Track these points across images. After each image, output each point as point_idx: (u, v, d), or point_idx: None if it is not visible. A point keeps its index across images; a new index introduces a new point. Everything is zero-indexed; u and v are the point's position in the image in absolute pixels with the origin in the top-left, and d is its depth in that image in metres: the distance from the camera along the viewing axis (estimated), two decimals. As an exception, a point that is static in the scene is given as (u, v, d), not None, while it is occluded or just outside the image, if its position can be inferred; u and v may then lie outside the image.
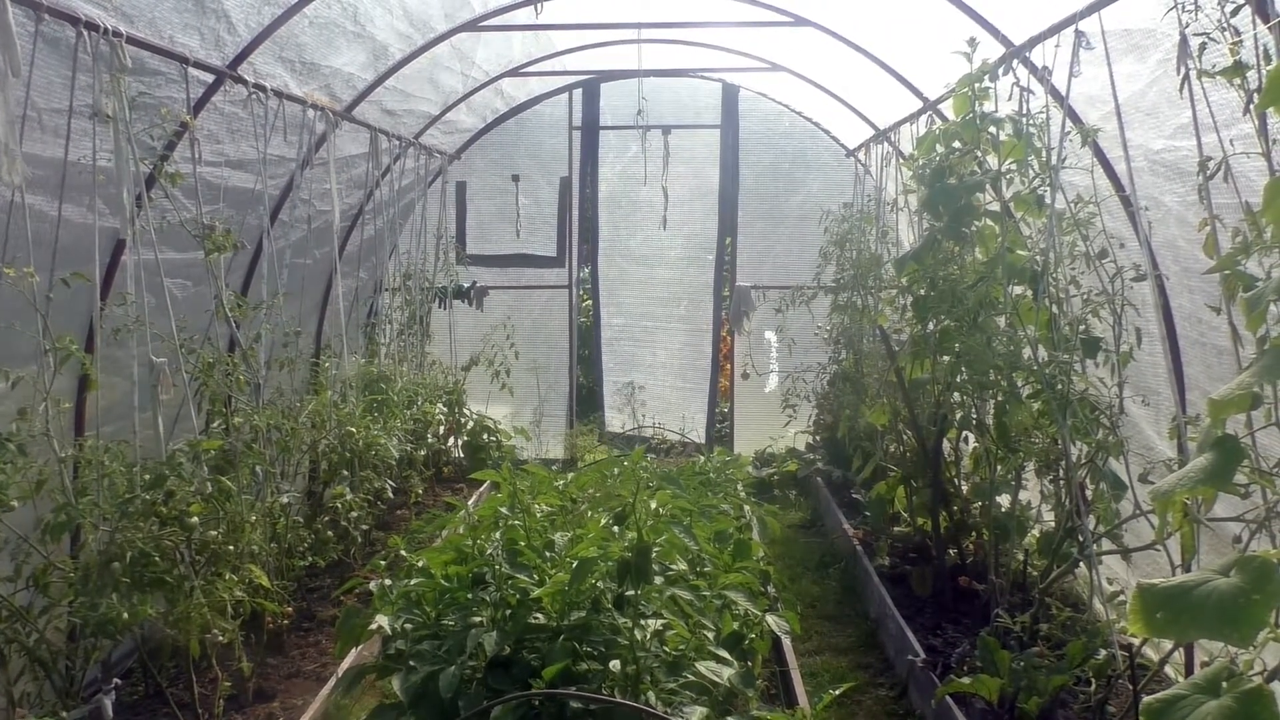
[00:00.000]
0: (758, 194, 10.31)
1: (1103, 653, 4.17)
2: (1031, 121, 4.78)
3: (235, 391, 5.05)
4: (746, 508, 5.41)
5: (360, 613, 3.71)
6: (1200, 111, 3.41)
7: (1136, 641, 4.04)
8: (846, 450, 8.06)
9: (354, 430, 6.27)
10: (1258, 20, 3.07)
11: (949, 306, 5.13)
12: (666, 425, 10.56)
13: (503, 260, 10.36)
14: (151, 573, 4.00)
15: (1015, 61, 4.89)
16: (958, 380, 5.27)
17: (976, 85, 4.99)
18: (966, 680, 4.27)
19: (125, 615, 3.81)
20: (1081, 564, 4.64)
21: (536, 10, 6.72)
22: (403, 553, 4.00)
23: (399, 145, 8.04)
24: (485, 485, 8.45)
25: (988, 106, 5.01)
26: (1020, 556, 5.36)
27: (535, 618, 3.37)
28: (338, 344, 7.18)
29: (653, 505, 3.50)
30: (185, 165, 4.86)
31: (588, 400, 10.81)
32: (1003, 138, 4.95)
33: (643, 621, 3.28)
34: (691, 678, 3.26)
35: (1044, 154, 4.72)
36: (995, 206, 5.08)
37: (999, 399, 4.98)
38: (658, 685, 3.21)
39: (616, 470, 4.57)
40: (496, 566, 3.50)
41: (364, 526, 6.27)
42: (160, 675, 4.58)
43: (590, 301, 10.78)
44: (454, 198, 10.15)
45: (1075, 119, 4.72)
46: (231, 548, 4.41)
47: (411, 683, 3.19)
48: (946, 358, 5.30)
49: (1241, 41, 3.09)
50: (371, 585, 3.84)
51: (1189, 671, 4.21)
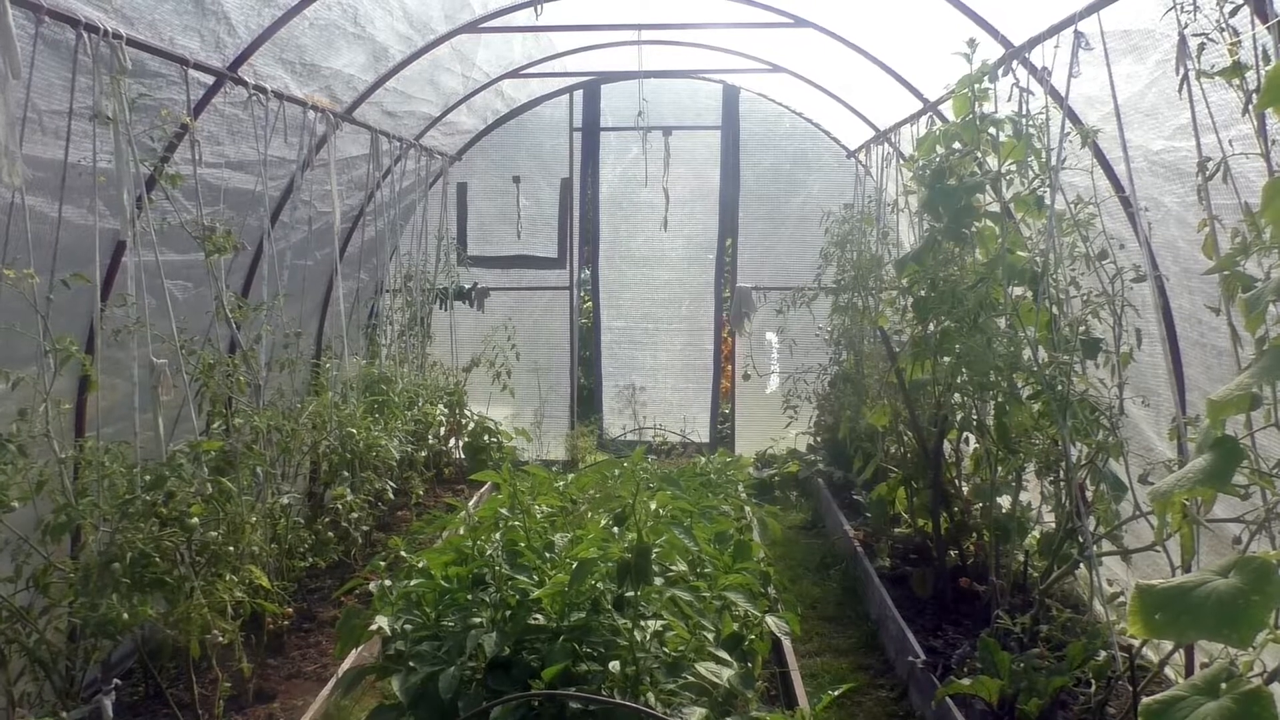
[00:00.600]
0: (758, 195, 10.32)
1: (1103, 654, 4.17)
2: (1031, 122, 4.78)
3: (236, 393, 5.05)
4: (747, 509, 5.42)
5: (360, 613, 3.71)
6: (1199, 112, 3.41)
7: (1136, 643, 4.03)
8: (847, 451, 8.06)
9: (355, 431, 6.27)
10: (1256, 20, 3.07)
11: (949, 307, 5.13)
12: (668, 427, 10.56)
13: (504, 261, 10.36)
14: (152, 573, 4.00)
15: (1015, 62, 4.90)
16: (958, 381, 5.27)
17: (976, 86, 4.99)
18: (967, 682, 4.27)
19: (125, 616, 3.81)
20: (1082, 565, 4.64)
21: (537, 12, 6.73)
22: (403, 554, 4.00)
23: (400, 147, 8.04)
24: (486, 486, 8.45)
25: (987, 107, 5.01)
26: (1020, 558, 5.36)
27: (535, 619, 3.37)
28: (338, 345, 7.18)
29: (653, 506, 3.50)
30: (186, 167, 4.87)
31: (589, 402, 10.81)
32: (1002, 139, 4.95)
33: (642, 622, 3.28)
34: (691, 679, 3.26)
35: (1044, 155, 4.72)
36: (995, 207, 5.08)
37: (999, 400, 4.98)
38: (657, 686, 3.21)
39: (617, 471, 4.57)
40: (496, 567, 3.51)
41: (364, 527, 6.28)
42: (160, 676, 4.58)
43: (591, 303, 10.78)
44: (455, 199, 10.15)
45: (1075, 120, 4.72)
46: (232, 548, 4.41)
47: (411, 683, 3.19)
48: (947, 359, 5.30)
49: (1240, 42, 3.09)
50: (372, 586, 3.85)
51: (1189, 673, 4.21)
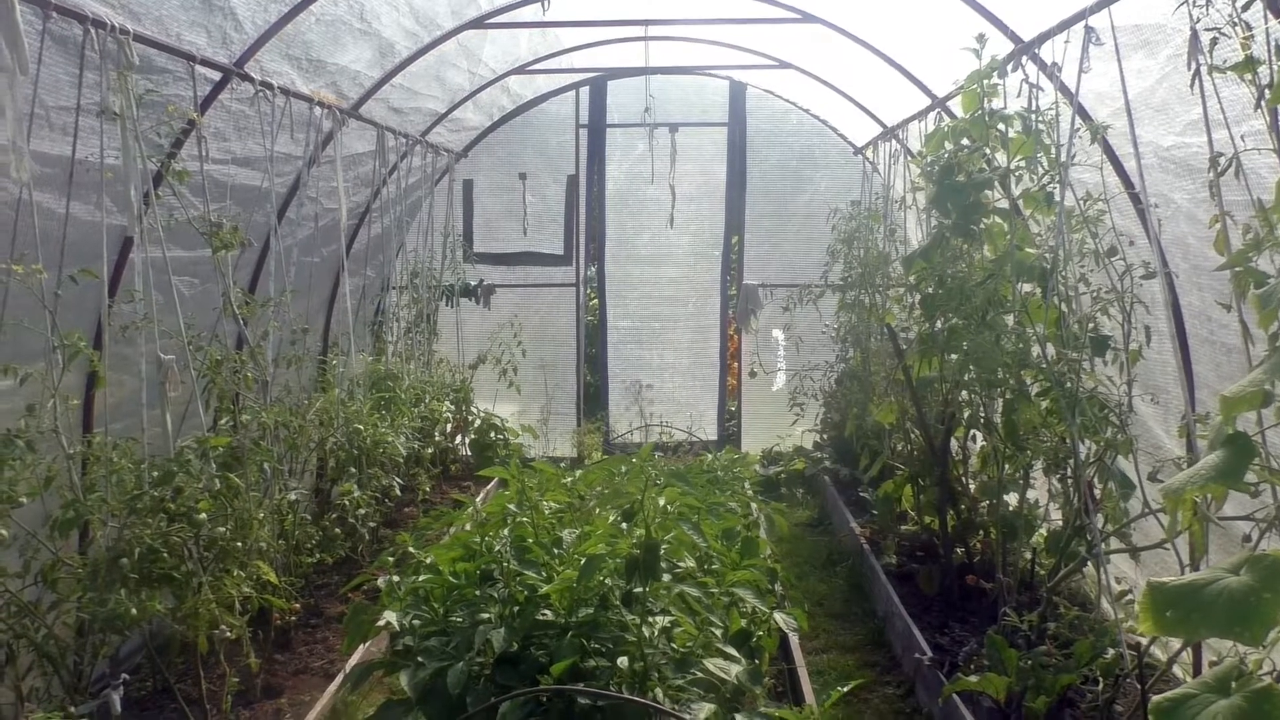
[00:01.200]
0: (765, 192, 10.30)
1: (1111, 652, 4.15)
2: (1040, 118, 4.76)
3: (243, 389, 5.06)
4: (754, 506, 5.42)
5: (368, 609, 3.71)
6: (1211, 107, 3.39)
7: (1144, 641, 4.02)
8: (854, 449, 8.04)
9: (361, 428, 6.27)
10: (1269, 15, 3.05)
11: (957, 304, 5.12)
12: (674, 424, 10.55)
13: (510, 258, 10.36)
14: (159, 569, 4.00)
15: (1024, 58, 4.88)
16: (966, 378, 5.25)
17: (985, 82, 4.97)
18: (974, 679, 4.26)
19: (133, 611, 3.81)
20: (1089, 563, 4.62)
21: (543, 7, 6.72)
22: (410, 550, 4.00)
23: (406, 143, 8.04)
24: (493, 483, 8.46)
25: (996, 103, 5.00)
26: (1028, 555, 5.35)
27: (543, 614, 3.37)
28: (345, 342, 7.18)
29: (661, 502, 3.49)
30: (192, 163, 4.87)
31: (595, 399, 10.80)
32: (1011, 135, 4.93)
33: (650, 618, 3.28)
34: (699, 675, 3.26)
35: (1053, 151, 4.69)
36: (1004, 204, 5.06)
37: (1007, 397, 4.96)
38: (665, 682, 3.21)
39: (624, 468, 4.57)
40: (504, 563, 3.51)
41: (371, 524, 6.28)
42: (168, 671, 4.58)
43: (597, 300, 10.77)
44: (461, 196, 10.15)
45: (1084, 116, 4.70)
46: (239, 544, 4.41)
47: (419, 679, 3.19)
48: (954, 356, 5.28)
49: (1253, 36, 3.07)
50: (379, 582, 3.85)
51: (1197, 671, 4.20)
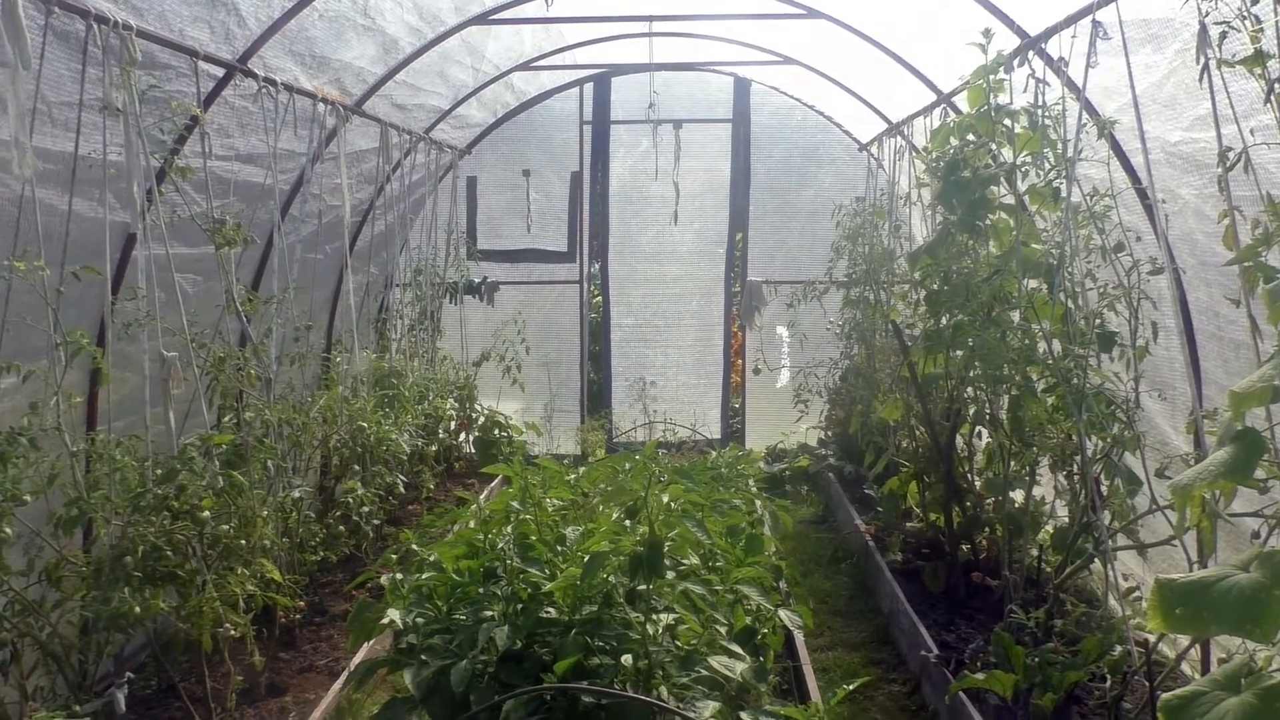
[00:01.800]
0: (769, 188, 10.27)
1: (1118, 649, 4.14)
2: (1047, 114, 4.73)
3: (246, 386, 5.05)
4: (758, 503, 5.40)
5: (372, 607, 3.70)
6: (1220, 102, 3.37)
7: (1152, 638, 4.01)
8: (859, 445, 8.03)
9: (365, 425, 6.27)
10: (1279, 8, 3.03)
11: (963, 301, 5.10)
12: (678, 421, 10.53)
13: (514, 255, 10.35)
14: (163, 567, 4.00)
15: (1031, 53, 4.85)
16: (971, 375, 5.24)
17: (991, 77, 4.95)
18: (980, 676, 4.25)
19: (137, 609, 3.81)
20: (1097, 559, 4.60)
21: (547, 3, 6.70)
22: (414, 547, 3.99)
23: (409, 140, 8.03)
24: (497, 480, 8.45)
25: (1002, 99, 4.97)
26: (1034, 552, 5.33)
27: (547, 612, 3.36)
28: (349, 339, 7.17)
29: (665, 500, 3.48)
30: (195, 159, 4.87)
31: (599, 396, 10.79)
32: (1018, 130, 4.91)
33: (655, 616, 3.27)
34: (704, 672, 3.24)
35: (1059, 146, 4.67)
36: (1010, 200, 5.04)
37: (1013, 393, 4.94)
38: (670, 680, 3.19)
39: (628, 465, 4.55)
40: (508, 561, 3.49)
41: (375, 521, 6.27)
42: (172, 669, 4.58)
43: (601, 297, 10.76)
44: (464, 193, 10.14)
45: (1091, 111, 4.68)
46: (243, 542, 4.41)
47: (423, 677, 3.18)
48: (960, 352, 5.26)
49: (1262, 30, 3.05)
50: (383, 580, 3.83)
51: (1205, 668, 4.18)
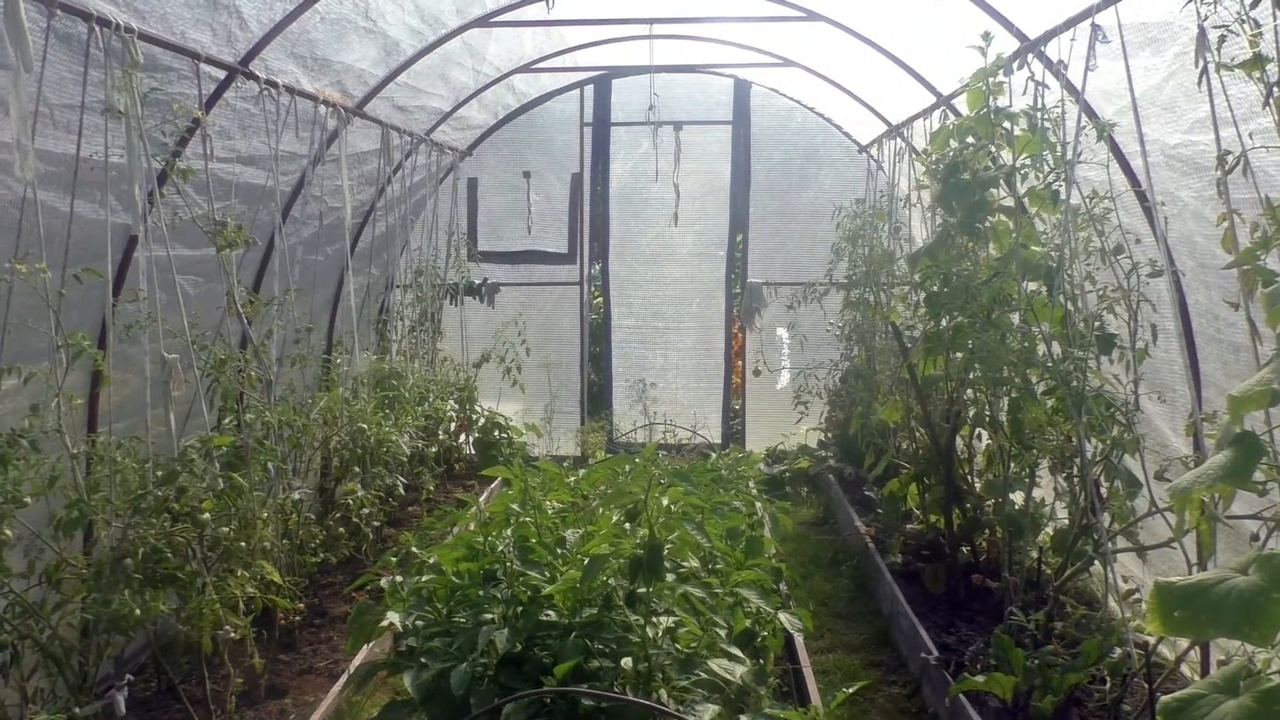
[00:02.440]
0: (769, 190, 10.28)
1: (1118, 651, 4.14)
2: (1046, 116, 4.74)
3: (247, 388, 5.05)
4: (758, 505, 5.39)
5: (372, 609, 3.70)
6: (1218, 105, 3.37)
7: (1152, 640, 4.01)
8: (859, 447, 8.03)
9: (365, 427, 6.27)
10: (1278, 12, 3.03)
11: (962, 303, 5.10)
12: (678, 423, 10.54)
13: (514, 257, 10.36)
14: (164, 569, 4.00)
15: (1030, 56, 4.86)
16: (971, 377, 5.24)
17: (991, 80, 4.95)
18: (980, 678, 4.25)
19: (138, 611, 3.81)
20: (1096, 562, 4.61)
21: (548, 6, 6.70)
22: (414, 549, 3.99)
23: (411, 141, 8.04)
24: (496, 482, 8.45)
25: (1002, 101, 4.98)
26: (1034, 554, 5.33)
27: (547, 615, 3.36)
28: (349, 340, 7.18)
29: (665, 502, 3.48)
30: (197, 161, 4.87)
31: (599, 397, 10.79)
32: (1017, 132, 4.91)
33: (655, 619, 3.27)
34: (704, 675, 3.24)
35: (1059, 149, 4.68)
36: (1009, 202, 5.05)
37: (1013, 396, 4.94)
38: (670, 683, 3.20)
39: (628, 467, 4.56)
40: (508, 563, 3.50)
41: (375, 523, 6.27)
42: (173, 671, 4.59)
43: (601, 298, 10.77)
44: (465, 194, 10.15)
45: (1091, 113, 4.68)
46: (243, 544, 4.41)
47: (423, 680, 3.18)
48: (960, 354, 5.27)
49: (1261, 34, 3.05)
50: (383, 582, 3.84)
51: (1205, 670, 4.18)
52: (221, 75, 5.00)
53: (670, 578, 3.40)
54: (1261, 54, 3.04)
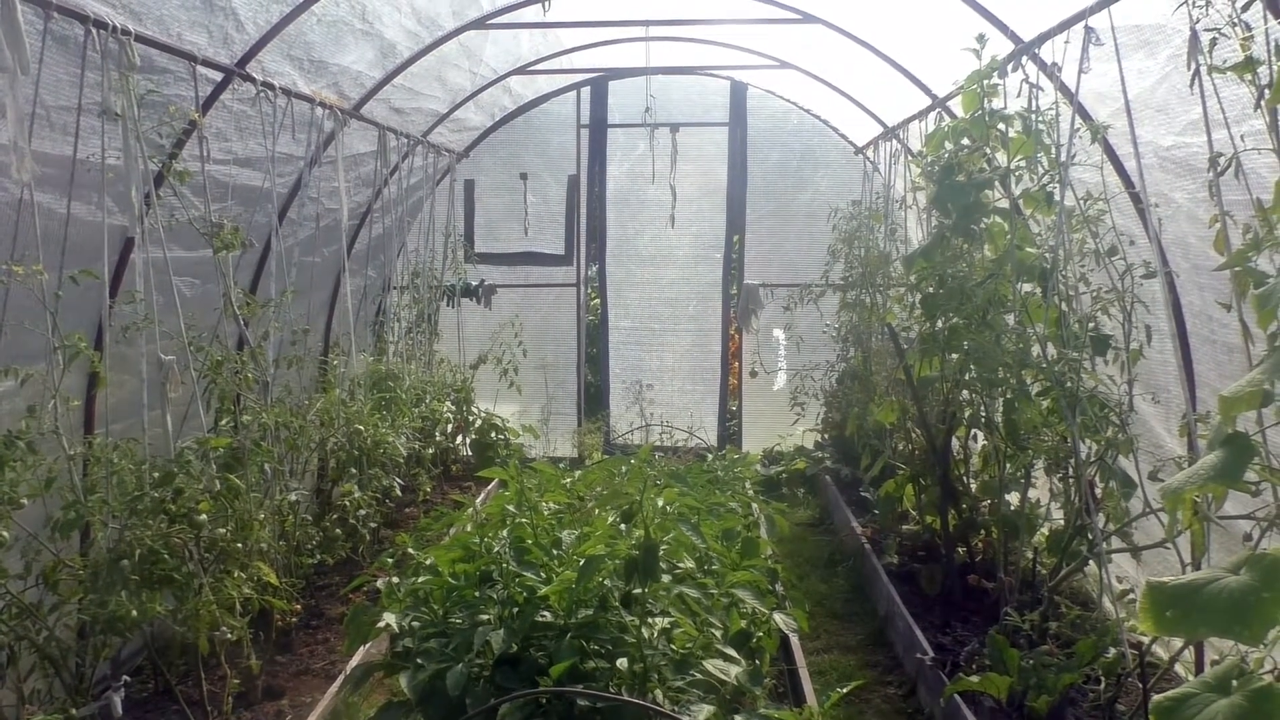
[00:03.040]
0: (766, 192, 10.29)
1: (1112, 651, 4.15)
2: (1041, 118, 4.76)
3: (244, 389, 5.06)
4: (755, 506, 5.41)
5: (368, 610, 3.71)
6: (1211, 107, 3.39)
7: (1146, 640, 4.03)
8: (855, 448, 8.05)
9: (362, 428, 6.27)
10: (1269, 15, 3.05)
11: (958, 304, 5.12)
12: (675, 424, 10.54)
13: (511, 258, 10.36)
14: (160, 570, 4.01)
15: (1024, 58, 4.88)
16: (966, 378, 5.26)
17: (985, 82, 4.97)
18: (975, 679, 4.26)
19: (134, 613, 3.82)
20: (1091, 562, 4.62)
21: (545, 8, 6.72)
22: (410, 550, 4.00)
23: (407, 143, 8.04)
24: (493, 483, 8.45)
25: (997, 103, 5.00)
26: (1029, 555, 5.34)
27: (542, 616, 3.37)
28: (346, 342, 7.18)
29: (660, 503, 3.49)
30: (194, 163, 4.88)
31: (596, 399, 10.80)
32: (1012, 134, 4.93)
33: (650, 620, 3.28)
34: (699, 676, 3.25)
35: (1053, 151, 4.70)
36: (1004, 203, 5.07)
37: (1008, 397, 4.96)
38: (665, 683, 3.21)
39: (624, 468, 4.57)
40: (504, 564, 3.51)
41: (372, 524, 6.28)
42: (169, 672, 4.59)
43: (598, 300, 10.77)
44: (462, 196, 10.15)
45: (1085, 115, 4.70)
46: (240, 545, 4.42)
47: (419, 680, 3.19)
48: (955, 355, 5.28)
49: (1253, 36, 3.07)
50: (379, 583, 3.85)
51: (1199, 670, 4.19)
52: (218, 77, 5.01)
53: (666, 578, 3.41)
54: (1253, 57, 3.06)
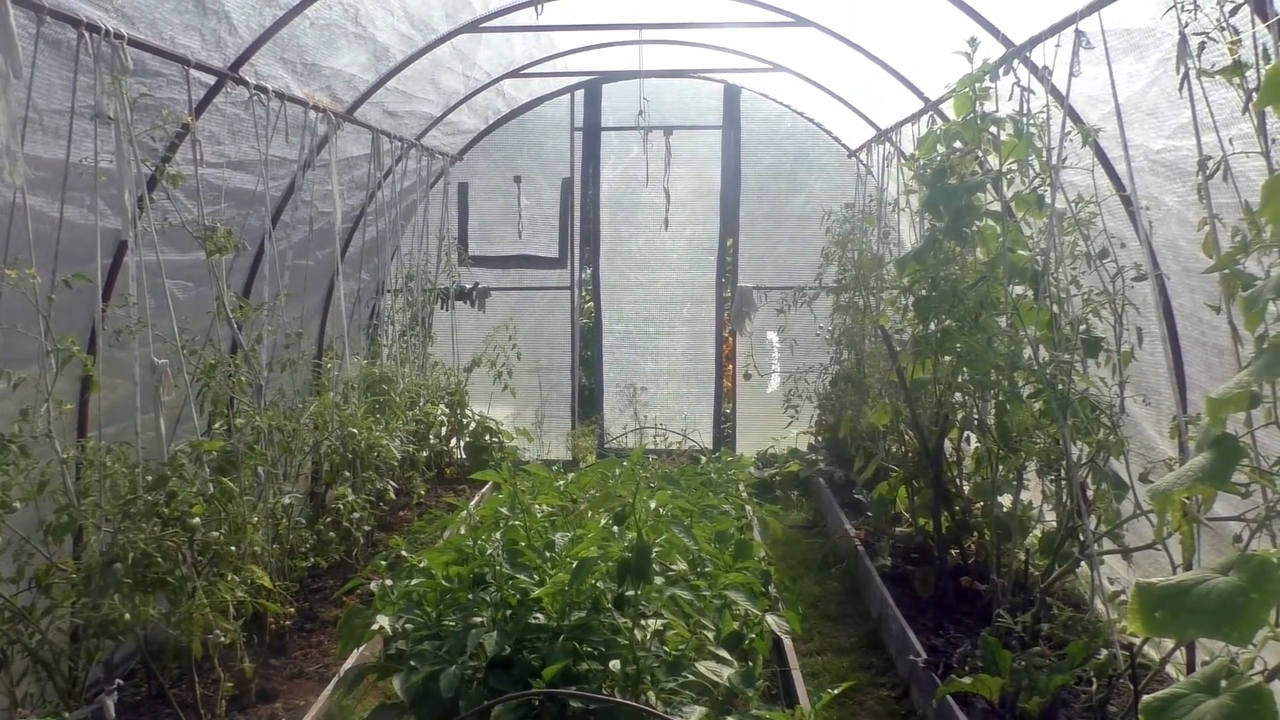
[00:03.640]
0: (760, 195, 10.31)
1: (1104, 652, 4.17)
2: (1032, 121, 4.78)
3: (237, 393, 5.06)
4: (748, 508, 5.42)
5: (362, 613, 3.71)
6: (1200, 111, 3.41)
7: (1138, 641, 4.04)
8: (848, 450, 8.06)
9: (356, 431, 6.27)
10: (1256, 19, 3.07)
11: (950, 306, 5.13)
12: (669, 427, 10.55)
13: (505, 261, 10.37)
14: (154, 574, 4.01)
15: (1016, 61, 4.90)
16: (959, 380, 5.27)
17: (977, 85, 4.99)
18: (968, 680, 4.27)
19: (127, 616, 3.81)
20: (1083, 564, 4.64)
21: (537, 11, 6.73)
22: (404, 553, 4.01)
23: (401, 146, 8.05)
24: (487, 486, 8.45)
25: (988, 106, 5.01)
26: (1022, 556, 5.36)
27: (535, 618, 3.38)
28: (340, 345, 7.19)
29: (653, 505, 3.51)
30: (187, 166, 4.87)
31: (590, 402, 10.81)
32: (1003, 137, 4.95)
33: (643, 621, 3.29)
34: (692, 677, 3.26)
35: (1044, 154, 4.72)
36: (996, 206, 5.08)
37: (1000, 399, 4.98)
38: (658, 685, 3.21)
39: (617, 471, 4.57)
40: (497, 567, 3.51)
41: (366, 527, 6.28)
42: (163, 676, 4.59)
43: (592, 303, 10.78)
44: (456, 199, 10.16)
45: (1075, 119, 4.72)
46: (233, 549, 4.41)
47: (412, 683, 3.19)
48: (948, 358, 5.30)
49: (1240, 41, 3.09)
50: (373, 586, 3.85)
51: (1190, 671, 4.21)
52: (211, 81, 5.01)
53: (658, 580, 3.41)
54: (1241, 61, 3.07)
